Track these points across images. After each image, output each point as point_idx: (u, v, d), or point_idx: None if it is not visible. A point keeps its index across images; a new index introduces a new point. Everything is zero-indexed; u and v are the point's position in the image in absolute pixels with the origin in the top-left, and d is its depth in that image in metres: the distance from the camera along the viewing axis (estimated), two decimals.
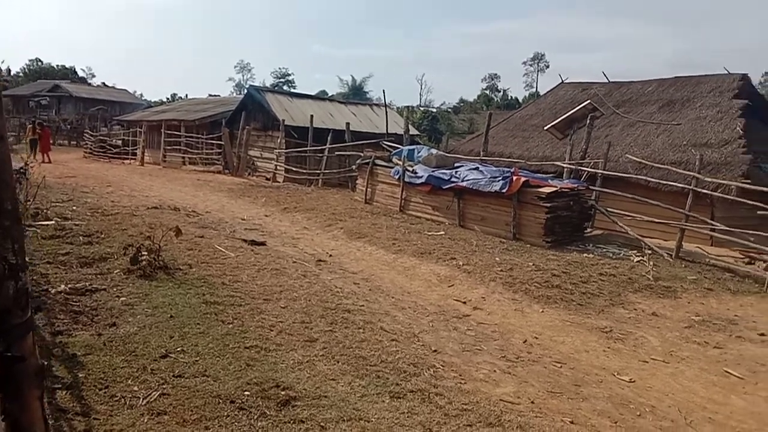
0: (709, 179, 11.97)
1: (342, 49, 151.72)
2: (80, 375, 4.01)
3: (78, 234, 8.44)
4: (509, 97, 79.10)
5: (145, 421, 3.54)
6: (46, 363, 3.50)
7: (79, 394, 3.72)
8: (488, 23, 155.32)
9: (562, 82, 23.52)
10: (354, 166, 16.47)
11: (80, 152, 33.59)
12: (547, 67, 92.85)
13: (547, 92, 25.19)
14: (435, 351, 5.56)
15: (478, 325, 6.63)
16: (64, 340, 4.61)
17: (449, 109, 74.87)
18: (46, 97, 50.07)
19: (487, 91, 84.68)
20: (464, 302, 7.51)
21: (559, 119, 14.27)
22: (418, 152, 14.13)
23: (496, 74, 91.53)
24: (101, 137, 34.11)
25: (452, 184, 12.10)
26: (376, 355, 5.12)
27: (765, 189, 10.20)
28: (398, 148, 15.55)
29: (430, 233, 11.29)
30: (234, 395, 3.96)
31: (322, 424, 3.73)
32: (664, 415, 4.76)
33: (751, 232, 9.93)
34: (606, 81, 21.92)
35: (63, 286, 5.82)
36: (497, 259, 9.38)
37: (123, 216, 10.53)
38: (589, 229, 12.14)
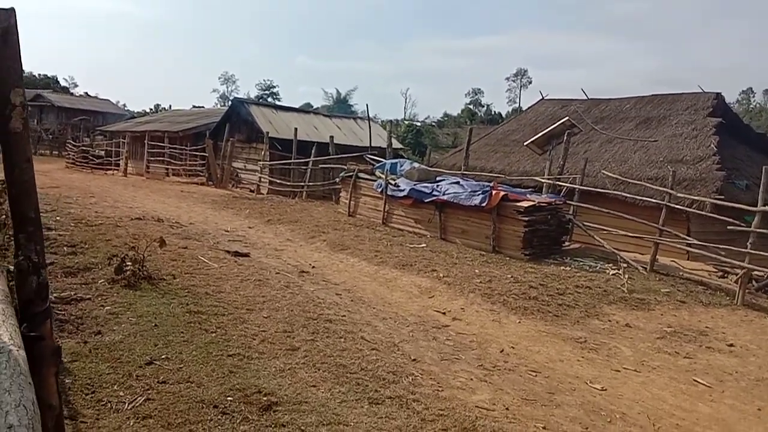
0: (684, 195, 12.34)
1: (327, 62, 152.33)
2: (67, 381, 4.10)
3: (62, 244, 8.49)
4: (492, 112, 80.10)
5: (131, 424, 3.65)
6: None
7: (66, 399, 3.81)
8: (472, 39, 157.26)
9: (543, 98, 23.98)
10: (337, 179, 16.64)
11: (62, 162, 33.40)
12: (530, 83, 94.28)
13: (528, 108, 25.66)
14: (414, 360, 5.71)
15: (456, 335, 6.79)
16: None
17: (433, 123, 75.58)
18: (28, 107, 49.58)
19: (471, 106, 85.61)
20: (444, 313, 7.68)
21: (539, 135, 14.60)
22: (401, 166, 14.33)
23: (479, 89, 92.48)
24: (84, 147, 33.92)
25: (434, 198, 12.31)
26: (357, 363, 5.26)
27: (737, 205, 10.54)
28: (381, 161, 15.76)
29: (412, 246, 11.48)
30: (217, 400, 4.08)
31: (302, 428, 3.86)
32: (633, 421, 4.95)
33: (724, 246, 10.23)
34: (585, 98, 22.40)
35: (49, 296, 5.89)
36: (477, 271, 9.58)
37: (107, 227, 10.57)
38: (566, 243, 12.40)
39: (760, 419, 5.26)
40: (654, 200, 12.02)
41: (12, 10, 1.42)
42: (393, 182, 13.65)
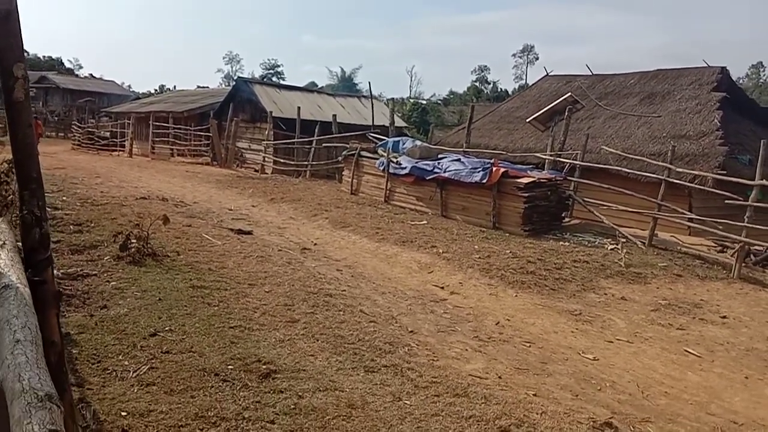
0: (685, 170, 12.36)
1: (332, 40, 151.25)
2: (74, 351, 4.29)
3: (68, 223, 8.67)
4: (499, 89, 79.43)
5: (135, 390, 3.83)
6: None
7: (73, 368, 4.00)
8: (478, 14, 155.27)
9: (547, 74, 23.87)
10: (340, 158, 16.74)
11: (68, 144, 33.62)
12: (537, 59, 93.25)
13: (533, 84, 25.57)
14: (411, 332, 5.88)
15: (454, 309, 6.95)
16: (61, 329, 4.87)
17: (439, 101, 75.20)
18: (33, 89, 49.71)
19: (477, 83, 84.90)
20: (442, 287, 7.83)
21: (541, 111, 14.62)
22: (403, 144, 14.41)
23: (485, 66, 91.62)
24: (89, 129, 34.13)
25: (435, 175, 12.42)
26: (354, 334, 5.44)
27: (740, 180, 10.58)
28: (384, 139, 15.83)
29: (413, 223, 11.62)
30: (218, 369, 4.26)
31: (299, 393, 4.04)
32: (623, 389, 5.11)
33: (722, 221, 10.30)
34: (590, 74, 22.27)
35: (55, 272, 6.07)
36: (476, 247, 9.72)
37: (112, 206, 10.75)
38: (567, 219, 12.51)
39: (747, 387, 5.41)
40: (655, 176, 12.06)
41: None
42: (395, 160, 13.74)
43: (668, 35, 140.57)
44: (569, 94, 15.03)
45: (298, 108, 21.92)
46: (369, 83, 42.93)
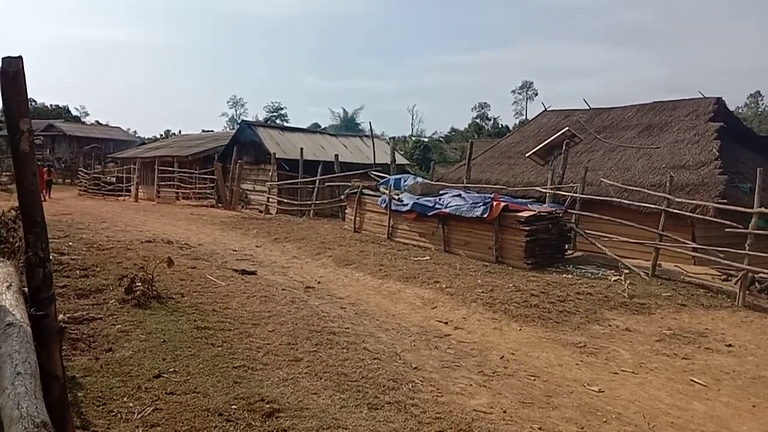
0: (685, 200, 12.44)
1: (335, 81, 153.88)
2: (79, 394, 4.32)
3: (75, 268, 8.77)
4: (500, 125, 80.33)
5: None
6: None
7: (79, 411, 4.03)
8: (477, 53, 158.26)
9: (545, 110, 24.23)
10: (342, 196, 16.90)
11: (75, 190, 34.00)
12: (536, 94, 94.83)
13: (532, 120, 25.89)
14: (415, 368, 5.88)
15: (458, 344, 6.95)
16: (64, 365, 4.92)
17: (441, 139, 75.96)
18: (40, 137, 50.63)
19: (478, 120, 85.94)
20: (446, 323, 7.84)
21: (540, 146, 14.79)
22: (405, 181, 14.58)
23: (485, 103, 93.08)
24: (95, 175, 34.58)
25: (436, 211, 12.52)
26: (358, 372, 5.44)
27: (740, 209, 10.65)
28: (386, 177, 16.01)
29: (416, 259, 11.67)
30: (222, 409, 4.28)
31: None
32: (629, 420, 5.08)
33: (723, 249, 10.32)
34: (588, 108, 22.59)
35: (61, 316, 6.12)
36: (479, 281, 9.75)
37: (118, 250, 10.86)
38: (569, 251, 12.54)
39: (754, 415, 5.36)
40: (655, 206, 12.13)
41: (20, 57, 1.72)
42: (396, 197, 13.87)
43: (667, 67, 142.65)
44: (567, 128, 15.24)
45: (301, 149, 22.25)
46: (370, 123, 43.42)
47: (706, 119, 17.86)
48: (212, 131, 50.66)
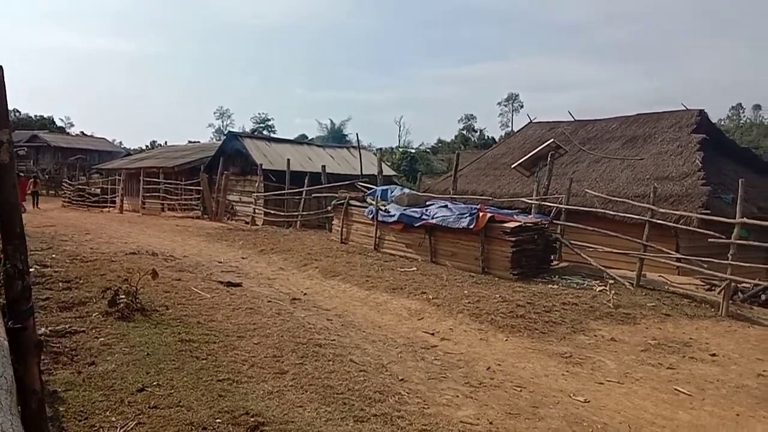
0: (669, 211, 12.57)
1: (322, 92, 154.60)
2: (61, 409, 4.25)
3: (57, 280, 8.65)
4: (486, 137, 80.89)
5: None
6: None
7: (60, 426, 3.96)
8: (465, 66, 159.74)
9: (531, 121, 24.42)
10: (329, 207, 16.88)
11: (59, 202, 33.66)
12: (522, 107, 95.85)
13: (517, 132, 26.10)
14: (401, 380, 5.86)
15: (444, 355, 6.94)
16: (45, 379, 4.82)
17: (428, 150, 76.29)
18: (24, 148, 50.18)
19: (465, 132, 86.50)
20: (432, 334, 7.83)
21: (525, 158, 14.88)
22: (392, 192, 14.60)
23: (472, 115, 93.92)
24: (80, 186, 34.29)
25: (423, 222, 12.54)
26: (344, 384, 5.41)
27: (723, 219, 10.75)
28: (373, 188, 16.02)
29: (402, 270, 11.66)
30: (206, 422, 4.23)
31: None
32: (614, 430, 5.09)
33: (706, 259, 10.42)
34: (572, 120, 22.80)
35: (43, 329, 6.04)
36: (466, 292, 9.76)
37: (101, 262, 10.75)
38: (555, 262, 12.60)
39: (738, 424, 5.40)
40: (639, 217, 12.24)
41: (0, 68, 1.71)
42: (383, 208, 13.88)
43: (652, 81, 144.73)
44: (552, 140, 15.35)
45: (288, 160, 22.22)
46: (357, 134, 43.68)
47: (689, 131, 18.11)
48: (198, 142, 50.41)
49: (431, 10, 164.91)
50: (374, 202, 14.19)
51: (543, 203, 13.93)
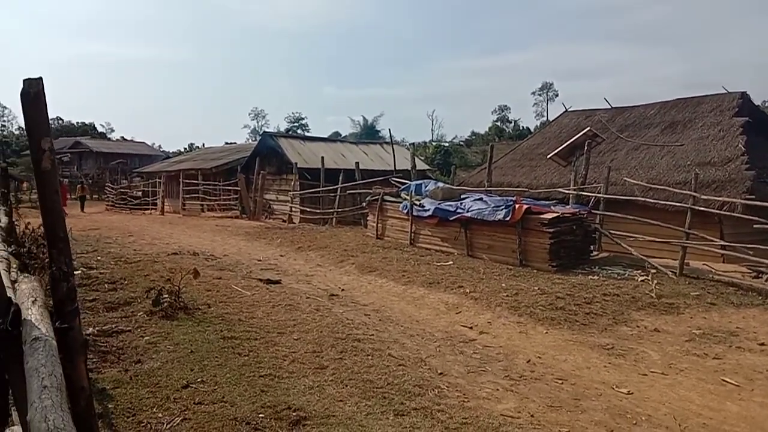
0: (712, 197, 12.25)
1: (354, 90, 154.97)
2: (110, 406, 4.40)
3: (103, 281, 8.93)
4: (521, 128, 79.93)
5: None
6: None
7: (109, 422, 4.11)
8: (496, 56, 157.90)
9: (566, 110, 24.04)
10: (364, 203, 16.95)
11: (102, 205, 34.64)
12: (556, 95, 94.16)
13: (553, 121, 25.71)
14: (441, 373, 5.86)
15: (483, 348, 6.91)
16: (94, 377, 5.01)
17: (462, 143, 75.79)
18: (68, 154, 51.77)
19: (498, 123, 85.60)
20: (471, 327, 7.81)
21: (561, 147, 14.67)
22: (426, 186, 14.57)
23: (506, 105, 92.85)
24: (122, 190, 35.23)
25: (458, 215, 12.49)
26: (383, 378, 5.45)
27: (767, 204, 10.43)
28: (407, 183, 16.03)
29: (438, 264, 11.65)
30: (249, 417, 4.32)
31: None
32: (659, 422, 5.00)
33: (753, 246, 10.12)
34: (609, 107, 22.36)
35: (91, 329, 6.25)
36: (503, 285, 9.69)
37: (145, 263, 11.04)
38: (595, 252, 12.40)
39: None
40: (680, 204, 11.95)
41: (40, 79, 1.80)
42: (418, 203, 13.87)
43: (688, 63, 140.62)
44: (588, 128, 15.10)
45: (322, 158, 22.38)
46: (389, 130, 43.73)
47: (731, 114, 17.56)
48: (235, 143, 51.26)
49: (452, 1, 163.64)
50: (408, 197, 14.20)
51: (581, 193, 13.71)
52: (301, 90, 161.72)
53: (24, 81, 1.82)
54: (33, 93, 1.78)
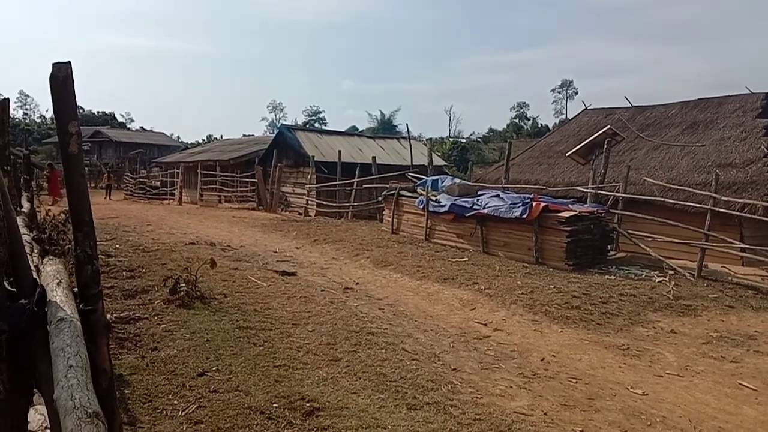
0: (732, 199, 12.07)
1: (371, 84, 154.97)
2: (126, 391, 4.46)
3: (121, 269, 9.04)
4: (539, 125, 79.43)
5: (184, 429, 3.96)
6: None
7: (126, 408, 4.17)
8: (515, 52, 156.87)
9: (586, 108, 23.80)
10: (380, 198, 16.96)
11: (121, 194, 35.01)
12: (576, 93, 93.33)
13: (572, 119, 25.47)
14: (454, 369, 5.87)
15: (497, 345, 6.90)
16: (111, 360, 5.08)
17: (479, 139, 75.48)
18: (88, 143, 52.29)
19: (517, 120, 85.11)
20: (485, 324, 7.80)
21: (580, 145, 14.56)
22: (442, 182, 14.54)
23: (524, 103, 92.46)
24: (141, 179, 35.57)
25: (474, 212, 12.45)
26: (397, 372, 5.47)
27: None
28: (423, 178, 16.00)
29: (454, 260, 11.62)
30: (263, 407, 4.36)
31: (342, 431, 4.09)
32: (674, 424, 4.96)
33: None
34: (629, 105, 22.10)
35: (109, 316, 6.33)
36: (519, 282, 9.65)
37: (162, 252, 11.14)
38: (612, 252, 12.30)
39: None
40: (700, 206, 11.80)
41: (69, 63, 1.82)
42: (434, 198, 13.85)
43: (710, 63, 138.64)
44: (608, 126, 14.96)
45: (339, 152, 22.43)
46: (407, 125, 43.61)
47: (754, 115, 17.25)
48: (253, 135, 51.43)
49: None
50: (425, 193, 14.18)
51: (599, 192, 13.58)
52: (319, 83, 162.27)
53: (53, 65, 1.84)
54: (62, 77, 1.81)
